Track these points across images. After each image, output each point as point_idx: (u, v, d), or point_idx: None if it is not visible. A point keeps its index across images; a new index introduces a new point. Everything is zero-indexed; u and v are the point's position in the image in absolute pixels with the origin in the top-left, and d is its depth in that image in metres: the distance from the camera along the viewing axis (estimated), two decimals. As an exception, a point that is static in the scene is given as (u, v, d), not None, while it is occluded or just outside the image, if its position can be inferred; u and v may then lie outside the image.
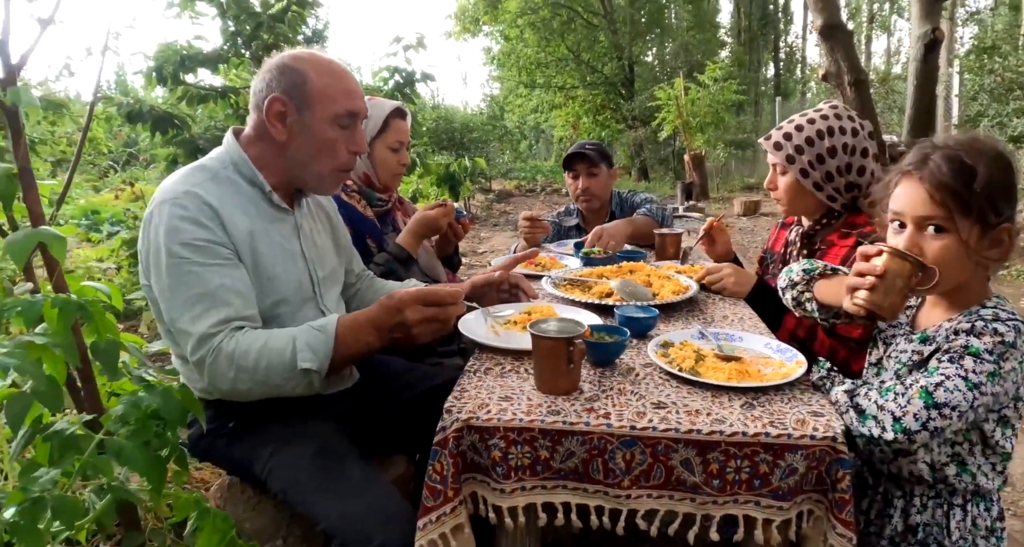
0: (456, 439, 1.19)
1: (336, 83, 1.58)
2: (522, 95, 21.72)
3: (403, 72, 5.23)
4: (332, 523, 1.35)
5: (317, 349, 1.41)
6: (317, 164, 1.60)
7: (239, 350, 1.39)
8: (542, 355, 1.27)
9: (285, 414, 1.56)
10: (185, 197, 1.47)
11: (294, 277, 1.61)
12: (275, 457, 1.49)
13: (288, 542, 1.70)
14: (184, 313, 1.41)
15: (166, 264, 1.43)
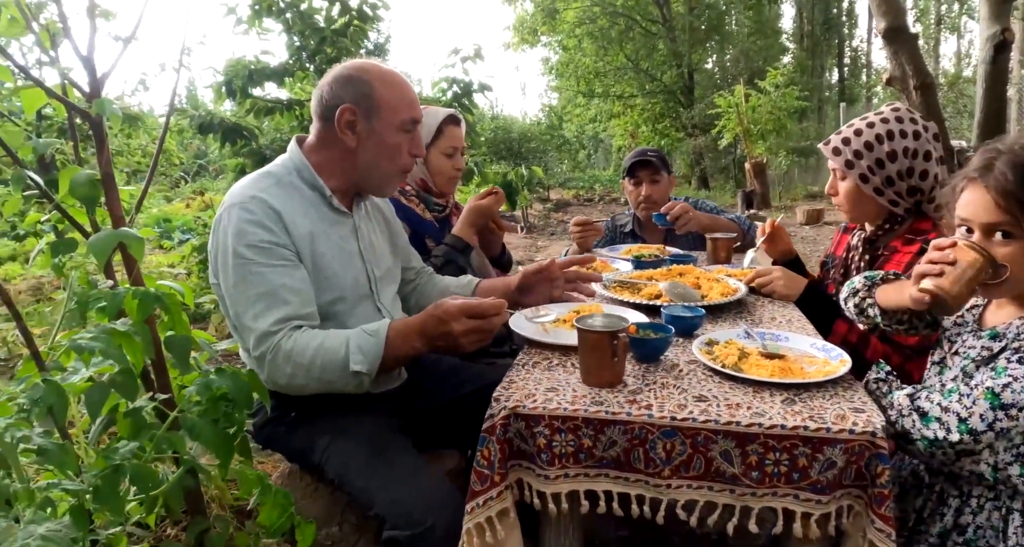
0: (503, 426, 1.25)
1: (399, 92, 1.68)
2: (580, 105, 21.75)
3: (461, 83, 5.33)
4: (384, 508, 1.42)
5: (368, 352, 1.50)
6: (383, 167, 1.71)
7: (297, 348, 1.49)
8: (587, 348, 1.33)
9: (341, 407, 1.64)
10: (251, 202, 1.57)
11: (351, 276, 1.70)
12: (332, 446, 1.58)
13: (343, 528, 1.78)
14: (248, 310, 1.52)
15: (232, 264, 1.53)
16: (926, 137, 1.92)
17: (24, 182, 1.91)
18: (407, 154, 1.72)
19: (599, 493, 1.26)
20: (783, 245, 2.37)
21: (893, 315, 1.51)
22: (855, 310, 1.61)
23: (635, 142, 20.15)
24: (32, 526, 0.77)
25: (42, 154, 2.37)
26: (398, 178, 1.77)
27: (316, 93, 1.71)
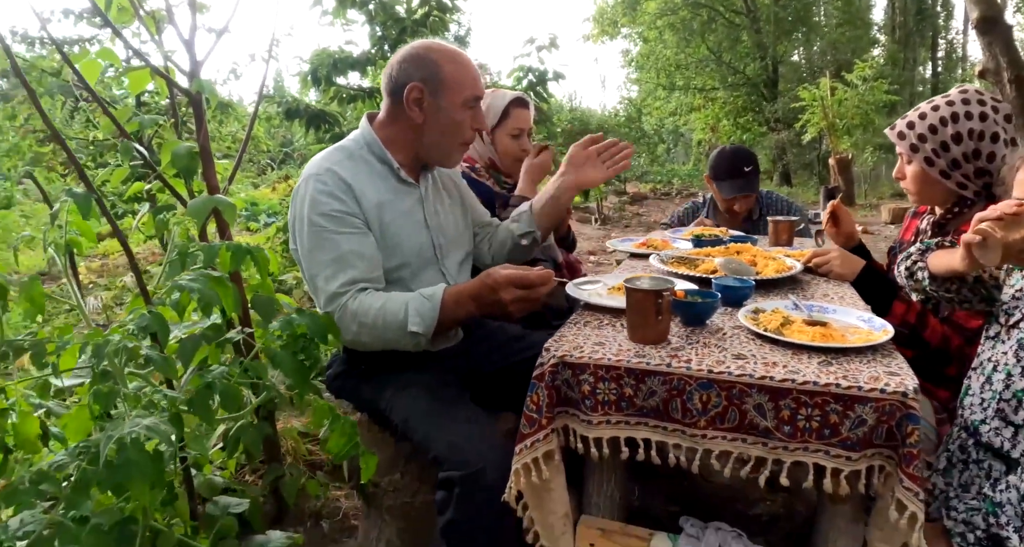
0: (552, 373, 1.35)
1: (464, 71, 1.81)
2: (660, 97, 21.54)
3: (536, 71, 5.44)
4: (441, 450, 1.55)
5: (424, 315, 1.64)
6: (448, 141, 1.84)
7: (361, 309, 1.64)
8: (633, 306, 1.42)
9: (405, 361, 1.78)
10: (325, 174, 1.73)
11: (416, 243, 1.83)
12: (397, 395, 1.72)
13: (404, 477, 1.92)
14: (320, 273, 1.68)
15: (307, 231, 1.69)
16: (994, 118, 1.91)
17: (131, 154, 2.10)
18: (470, 129, 1.86)
19: (639, 441, 1.35)
20: (846, 228, 2.37)
21: (942, 283, 1.54)
22: (904, 273, 1.64)
23: (716, 136, 19.87)
24: (138, 419, 0.92)
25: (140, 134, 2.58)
26: (461, 150, 1.90)
27: (386, 72, 1.85)
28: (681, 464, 1.34)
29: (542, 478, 1.37)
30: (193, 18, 2.16)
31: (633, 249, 2.45)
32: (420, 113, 1.80)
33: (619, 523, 1.46)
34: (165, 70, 2.15)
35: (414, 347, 1.68)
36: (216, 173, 2.18)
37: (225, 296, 1.36)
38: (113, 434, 0.90)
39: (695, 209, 3.31)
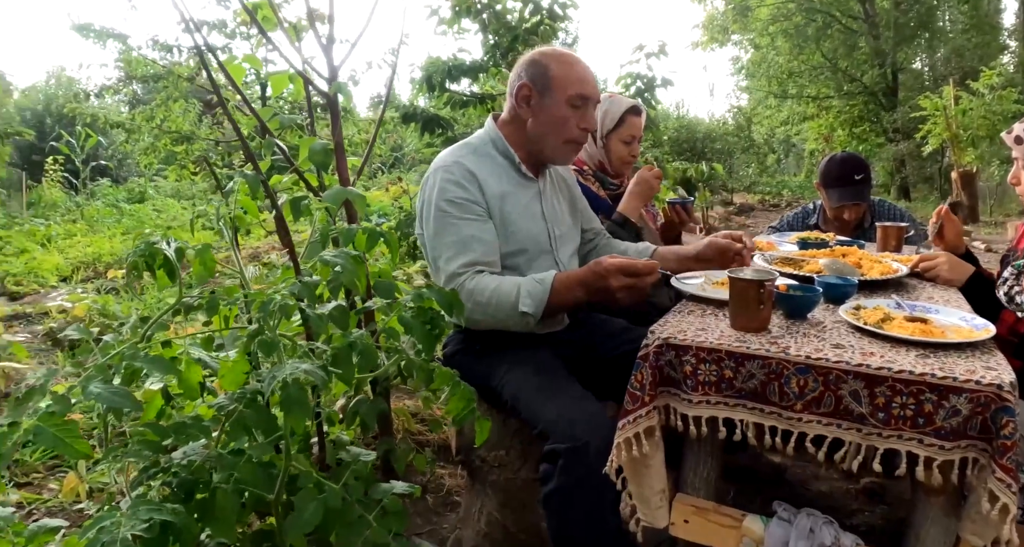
0: (656, 354, 1.45)
1: (571, 72, 1.94)
2: (771, 106, 21.04)
3: (644, 78, 5.52)
4: (548, 425, 1.67)
5: (535, 297, 1.77)
6: (552, 137, 1.97)
7: (477, 288, 1.78)
8: (736, 295, 1.50)
9: (518, 342, 1.92)
10: (453, 165, 1.89)
11: (533, 232, 1.97)
12: (509, 372, 1.85)
13: (510, 453, 2.05)
14: (442, 254, 1.84)
15: (433, 216, 1.86)
16: None
17: (272, 149, 2.31)
18: (576, 127, 1.97)
19: (736, 421, 1.42)
20: (952, 236, 2.36)
21: None
22: (1004, 298, 1.64)
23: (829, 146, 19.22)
24: (295, 363, 1.08)
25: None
26: (569, 148, 2.01)
27: (511, 76, 2.01)
28: (776, 446, 1.40)
29: (642, 452, 1.47)
30: (331, 28, 2.37)
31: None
32: (528, 110, 1.95)
33: (713, 503, 1.54)
34: (303, 74, 2.36)
35: (523, 327, 1.82)
36: (347, 167, 2.38)
37: (360, 274, 1.52)
38: (277, 374, 1.06)
39: (805, 215, 3.31)
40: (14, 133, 7.16)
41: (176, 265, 1.26)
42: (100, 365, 1.15)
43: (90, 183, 14.69)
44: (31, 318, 5.96)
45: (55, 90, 18.36)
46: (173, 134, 9.25)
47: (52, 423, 1.08)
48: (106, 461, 1.17)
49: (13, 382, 4.11)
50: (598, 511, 1.60)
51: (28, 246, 9.46)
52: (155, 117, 9.47)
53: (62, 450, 1.06)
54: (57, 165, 13.76)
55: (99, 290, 6.54)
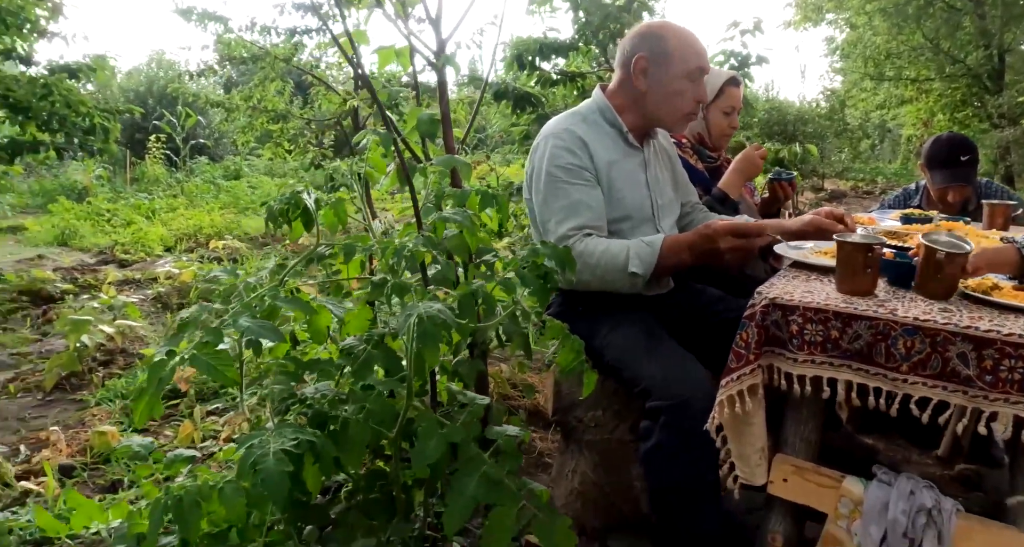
0: (763, 313, 1.49)
1: (688, 45, 1.98)
2: (867, 89, 20.18)
3: (738, 55, 5.43)
4: (651, 382, 1.73)
5: (644, 258, 1.82)
6: (668, 108, 2.02)
7: (587, 250, 1.84)
8: (843, 258, 1.52)
9: (619, 304, 1.98)
10: (563, 133, 1.96)
11: (638, 199, 2.02)
12: (611, 333, 1.91)
13: (605, 413, 2.11)
14: (552, 218, 1.90)
15: (544, 181, 1.92)
16: None
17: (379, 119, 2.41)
18: (691, 99, 2.01)
19: (840, 381, 1.45)
20: None
21: None
22: None
23: (928, 132, 18.39)
24: (427, 305, 1.17)
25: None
26: (684, 119, 2.06)
27: (620, 47, 2.07)
28: (880, 407, 1.42)
29: (745, 410, 1.51)
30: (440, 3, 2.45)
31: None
32: (645, 81, 1.99)
33: (812, 463, 1.57)
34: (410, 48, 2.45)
35: (630, 288, 1.87)
36: (453, 137, 2.47)
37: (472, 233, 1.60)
38: (412, 312, 1.15)
39: (907, 196, 3.25)
40: (125, 110, 7.53)
41: (314, 214, 1.37)
42: (246, 303, 1.27)
43: (189, 161, 15.35)
44: (140, 283, 6.33)
45: (156, 72, 19.15)
46: (270, 113, 9.55)
47: (206, 352, 1.19)
48: (252, 388, 1.28)
49: (128, 339, 4.40)
50: (696, 467, 1.66)
51: (134, 218, 10.00)
52: (252, 97, 9.81)
53: (214, 375, 1.18)
54: (159, 143, 14.43)
55: (202, 259, 6.88)
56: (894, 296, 1.53)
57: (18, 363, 4.44)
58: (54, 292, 6.03)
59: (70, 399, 3.75)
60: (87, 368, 4.01)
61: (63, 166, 14.25)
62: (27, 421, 3.47)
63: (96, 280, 6.46)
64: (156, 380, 1.16)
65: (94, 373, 3.97)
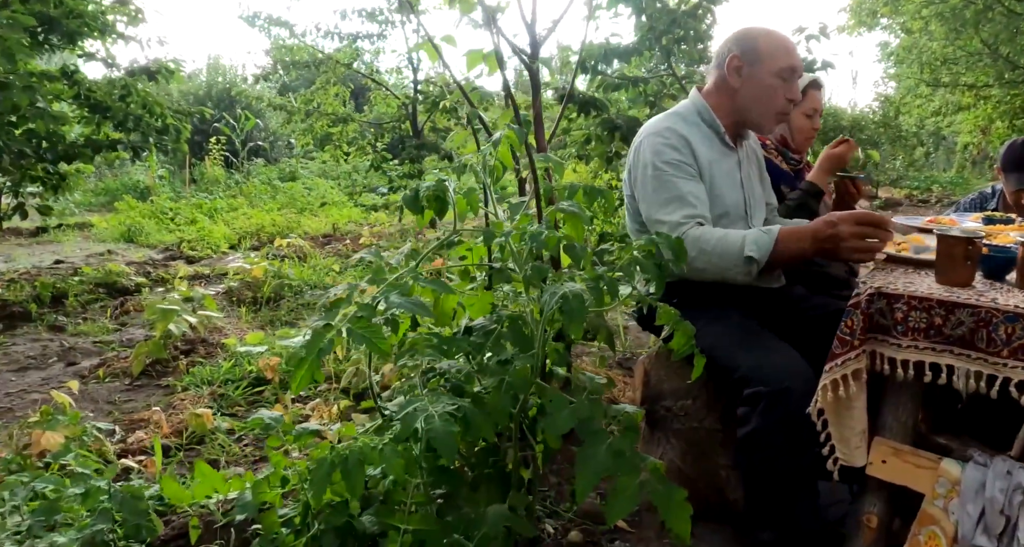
0: (868, 301, 1.57)
1: (779, 45, 2.07)
2: (922, 95, 19.85)
3: (804, 61, 5.45)
4: (748, 371, 1.81)
5: (761, 245, 1.86)
6: (760, 106, 2.10)
7: (703, 237, 1.91)
8: (943, 251, 1.59)
9: (715, 298, 2.06)
10: (666, 130, 2.05)
11: (734, 197, 2.11)
12: (709, 324, 1.98)
13: (696, 403, 2.20)
14: (661, 209, 1.99)
15: (651, 175, 2.01)
16: None
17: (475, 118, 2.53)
18: (783, 98, 2.09)
19: (942, 366, 1.52)
20: None
21: None
22: None
23: (986, 140, 18.06)
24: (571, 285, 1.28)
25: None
26: (774, 118, 2.14)
27: (716, 50, 2.16)
28: (980, 390, 1.49)
29: (848, 394, 1.58)
30: (534, 5, 2.56)
31: (921, 225, 2.54)
32: (738, 80, 2.08)
33: (910, 447, 1.64)
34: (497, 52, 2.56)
35: (744, 276, 1.89)
36: (544, 136, 2.58)
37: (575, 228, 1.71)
38: (557, 290, 1.26)
39: (983, 199, 3.27)
40: (196, 112, 7.81)
41: (450, 201, 1.48)
42: (392, 282, 1.38)
43: (247, 163, 15.75)
44: (209, 278, 6.56)
45: (214, 77, 19.65)
46: (330, 116, 9.80)
47: (360, 326, 1.31)
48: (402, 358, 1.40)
49: (207, 330, 4.59)
50: (793, 452, 1.74)
51: (197, 217, 10.31)
52: (313, 100, 10.08)
53: (370, 347, 1.29)
54: (219, 145, 14.84)
55: (267, 256, 7.10)
56: (992, 287, 1.59)
57: (101, 350, 4.66)
58: (129, 285, 6.29)
59: (156, 384, 3.94)
60: (171, 356, 4.21)
61: (124, 167, 14.74)
62: (117, 404, 3.66)
63: (168, 274, 6.72)
64: (316, 349, 1.28)
65: (178, 360, 4.17)
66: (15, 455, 2.79)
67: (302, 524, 1.79)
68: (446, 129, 9.48)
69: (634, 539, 2.22)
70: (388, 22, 9.64)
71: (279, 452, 1.80)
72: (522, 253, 1.53)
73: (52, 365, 4.42)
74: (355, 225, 10.00)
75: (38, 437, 2.84)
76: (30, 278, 6.33)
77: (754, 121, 2.15)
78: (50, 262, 7.51)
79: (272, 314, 5.32)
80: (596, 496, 2.40)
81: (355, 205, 12.41)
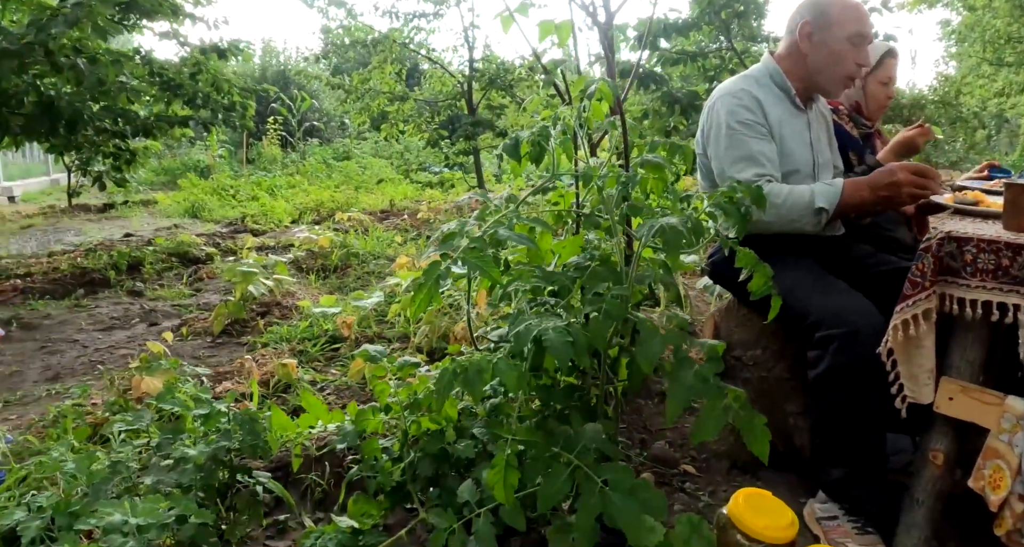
0: (939, 245, 1.66)
1: (850, 12, 2.15)
2: (984, 75, 19.35)
3: (866, 34, 5.46)
4: (820, 315, 1.91)
5: (830, 196, 2.01)
6: (829, 71, 2.20)
7: (772, 192, 2.03)
8: (1010, 199, 1.67)
9: (784, 248, 2.14)
10: (740, 92, 2.17)
11: (803, 156, 2.21)
12: (781, 273, 2.05)
13: (765, 352, 2.31)
14: (732, 167, 2.11)
15: (724, 134, 2.12)
16: None
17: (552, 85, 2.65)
18: (852, 62, 2.18)
19: (1008, 305, 1.61)
20: None
21: None
22: None
23: (1051, 122, 17.51)
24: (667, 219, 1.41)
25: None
26: (842, 82, 2.23)
27: (789, 16, 2.25)
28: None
29: (919, 333, 1.68)
30: (608, -24, 2.67)
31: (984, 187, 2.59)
32: (809, 45, 2.17)
33: (977, 385, 1.73)
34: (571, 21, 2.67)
35: (813, 227, 2.05)
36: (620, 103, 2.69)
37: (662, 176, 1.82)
38: (654, 223, 1.38)
39: None
40: (261, 90, 8.06)
41: (547, 149, 1.61)
42: (498, 219, 1.52)
43: (302, 142, 16.08)
44: (274, 249, 6.81)
45: (267, 59, 20.01)
46: (387, 95, 9.98)
47: (473, 255, 1.45)
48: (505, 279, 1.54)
49: (280, 294, 4.81)
50: (864, 392, 1.84)
51: (258, 193, 10.63)
52: (369, 79, 10.26)
53: (483, 274, 1.44)
54: (277, 125, 15.18)
55: (330, 229, 7.33)
56: (1058, 233, 1.68)
57: (180, 312, 4.93)
58: (200, 255, 6.58)
59: (236, 342, 4.17)
60: (249, 316, 4.44)
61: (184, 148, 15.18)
62: (202, 359, 3.89)
63: (235, 245, 7.00)
64: (434, 275, 1.43)
65: (256, 321, 4.39)
66: (118, 397, 3.03)
67: (401, 451, 1.96)
68: (501, 107, 9.59)
69: (703, 482, 2.34)
70: (443, 1, 9.75)
71: (384, 381, 1.96)
72: (611, 200, 1.66)
73: (135, 325, 4.69)
74: (411, 202, 10.22)
75: (138, 382, 3.07)
76: (106, 248, 6.66)
77: (823, 85, 2.24)
78: (120, 235, 7.87)
79: (340, 281, 5.54)
80: (666, 444, 2.53)
81: (410, 182, 12.67)
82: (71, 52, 5.14)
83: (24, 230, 8.62)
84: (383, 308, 4.07)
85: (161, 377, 3.05)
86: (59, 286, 5.51)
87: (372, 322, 3.94)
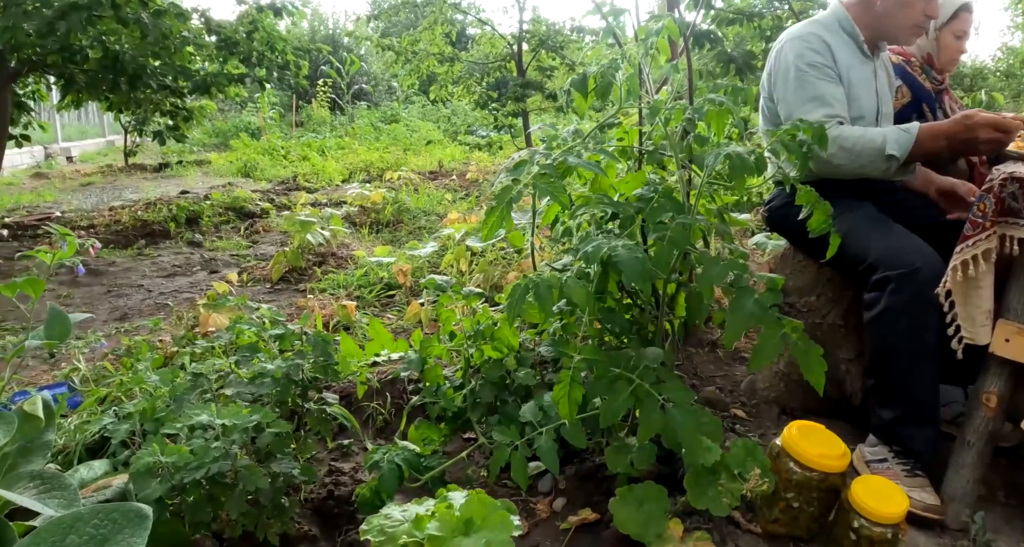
0: (1001, 186, 1.67)
1: None
2: (1051, 47, 18.61)
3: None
4: (879, 255, 1.94)
5: (901, 143, 2.00)
6: (898, 18, 2.19)
7: (843, 134, 2.04)
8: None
9: (842, 192, 2.14)
10: (808, 35, 2.18)
11: (870, 102, 2.22)
12: (841, 213, 2.07)
13: (820, 299, 2.33)
14: (801, 107, 2.12)
15: (793, 76, 2.14)
16: None
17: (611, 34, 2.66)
18: (921, 11, 2.17)
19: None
20: None
21: None
22: None
23: (1118, 93, 16.82)
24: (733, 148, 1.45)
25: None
26: (910, 30, 2.21)
27: None
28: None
29: (978, 273, 1.70)
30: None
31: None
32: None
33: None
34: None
35: (883, 173, 2.05)
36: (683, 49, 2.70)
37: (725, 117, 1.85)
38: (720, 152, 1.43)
39: None
40: (314, 48, 8.14)
41: (613, 84, 1.65)
42: (565, 150, 1.58)
43: (350, 106, 16.21)
44: (327, 205, 6.94)
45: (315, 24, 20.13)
46: (436, 56, 10.00)
47: (544, 181, 1.51)
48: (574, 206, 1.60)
49: (336, 244, 4.93)
50: (920, 330, 1.87)
51: (308, 154, 10.78)
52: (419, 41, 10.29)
53: (554, 198, 1.50)
54: (326, 87, 15.32)
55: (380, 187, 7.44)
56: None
57: (239, 262, 5.09)
58: (255, 209, 6.74)
59: (294, 289, 4.31)
60: (306, 264, 4.57)
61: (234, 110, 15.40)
62: (263, 303, 4.04)
63: (289, 201, 7.15)
64: (507, 198, 1.49)
65: (313, 269, 4.53)
66: (187, 331, 3.17)
67: (463, 379, 2.04)
68: (551, 68, 9.56)
69: (753, 426, 2.39)
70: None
71: (450, 310, 2.04)
72: (675, 135, 1.70)
73: (196, 272, 4.86)
74: (459, 163, 10.29)
75: (206, 318, 3.21)
76: (165, 203, 6.86)
77: (891, 33, 2.24)
78: (176, 192, 8.07)
79: (392, 235, 5.64)
80: (716, 389, 2.58)
81: (458, 144, 12.75)
82: (137, 5, 5.25)
83: (84, 187, 8.91)
84: (436, 260, 4.17)
85: (227, 314, 3.18)
86: (122, 237, 5.71)
87: (426, 271, 4.04)
